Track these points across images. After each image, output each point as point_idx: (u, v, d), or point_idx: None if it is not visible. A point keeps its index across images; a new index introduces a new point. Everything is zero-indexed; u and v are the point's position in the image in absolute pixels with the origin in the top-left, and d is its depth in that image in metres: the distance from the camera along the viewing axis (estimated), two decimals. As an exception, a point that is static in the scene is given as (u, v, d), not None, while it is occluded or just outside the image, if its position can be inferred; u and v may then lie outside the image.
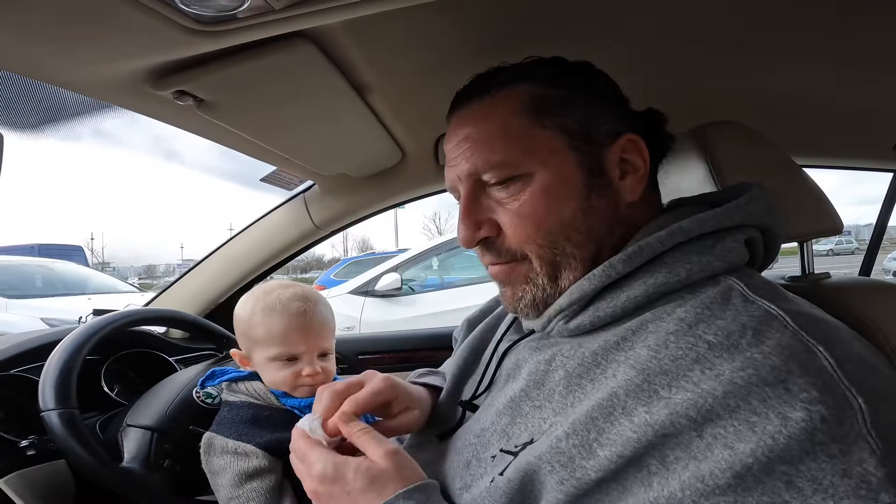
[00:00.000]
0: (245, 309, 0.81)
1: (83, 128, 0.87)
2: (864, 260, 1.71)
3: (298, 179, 1.24)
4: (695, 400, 0.39)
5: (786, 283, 0.69)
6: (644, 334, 0.46)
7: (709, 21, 0.69)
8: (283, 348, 0.77)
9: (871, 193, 6.97)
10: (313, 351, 0.79)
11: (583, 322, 0.52)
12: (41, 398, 0.79)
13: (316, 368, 0.78)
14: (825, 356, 0.40)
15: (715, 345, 0.41)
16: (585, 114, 0.54)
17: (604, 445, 0.42)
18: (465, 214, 0.56)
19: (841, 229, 0.69)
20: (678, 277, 0.48)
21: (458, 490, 0.54)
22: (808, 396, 0.37)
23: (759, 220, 0.53)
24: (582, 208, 0.53)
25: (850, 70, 0.85)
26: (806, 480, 0.35)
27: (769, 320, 0.42)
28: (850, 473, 0.35)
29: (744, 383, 0.38)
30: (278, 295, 0.79)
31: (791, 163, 0.68)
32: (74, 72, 0.60)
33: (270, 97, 0.73)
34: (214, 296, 1.38)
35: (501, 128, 0.53)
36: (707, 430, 0.38)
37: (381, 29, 0.64)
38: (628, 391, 0.42)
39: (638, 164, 0.55)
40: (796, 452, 0.36)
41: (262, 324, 0.78)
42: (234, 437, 0.73)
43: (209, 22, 0.51)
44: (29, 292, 4.89)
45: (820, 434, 0.36)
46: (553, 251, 0.53)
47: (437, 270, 4.41)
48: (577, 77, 0.56)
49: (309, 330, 0.78)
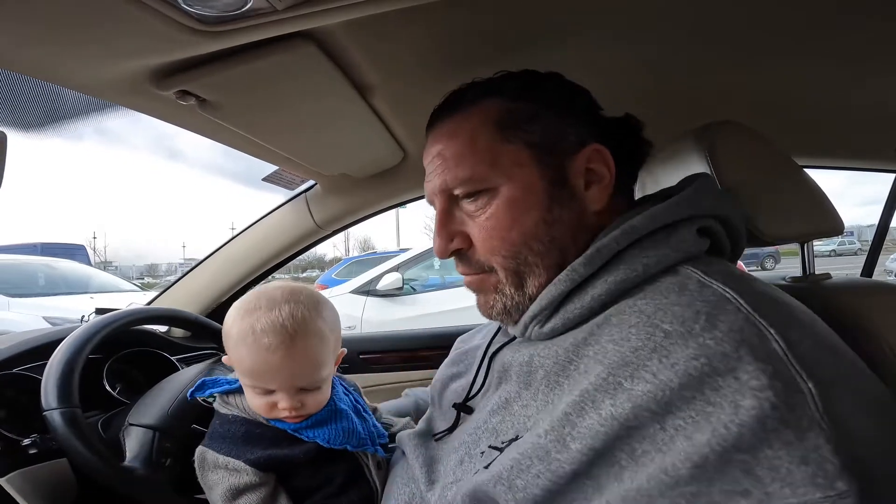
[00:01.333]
0: (227, 322, 0.71)
1: (86, 127, 0.88)
2: (865, 261, 1.71)
3: (300, 179, 1.24)
4: (654, 392, 0.40)
5: (786, 284, 0.69)
6: (608, 328, 0.48)
7: (710, 21, 0.69)
8: (254, 381, 0.69)
9: (876, 194, 7.08)
10: (288, 389, 0.69)
11: (555, 325, 0.54)
12: (43, 397, 0.79)
13: (293, 403, 0.69)
14: (776, 339, 0.40)
15: (671, 332, 0.43)
16: (551, 126, 0.56)
17: (576, 439, 0.43)
18: (439, 228, 0.59)
19: (842, 230, 0.69)
20: (636, 272, 0.50)
21: (449, 484, 0.55)
22: (757, 384, 0.38)
23: (710, 209, 0.54)
24: (545, 219, 0.55)
25: (852, 71, 0.85)
26: (764, 468, 0.36)
27: (723, 304, 0.43)
28: (807, 460, 0.35)
29: (698, 374, 0.39)
30: (255, 320, 0.67)
31: (792, 163, 0.68)
32: (78, 72, 0.60)
33: (272, 97, 0.73)
34: (216, 295, 1.38)
35: (469, 144, 0.56)
36: (668, 421, 0.39)
37: (383, 29, 0.64)
38: (596, 386, 0.44)
39: (603, 173, 0.56)
40: (750, 440, 0.36)
41: (234, 350, 0.69)
42: (225, 452, 0.70)
43: (212, 22, 0.51)
44: (31, 291, 4.89)
45: (770, 421, 0.36)
46: (516, 261, 0.56)
47: (439, 270, 4.41)
48: (545, 90, 0.58)
49: (280, 370, 0.67)
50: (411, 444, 0.69)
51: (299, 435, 0.70)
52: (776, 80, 0.88)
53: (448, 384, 0.75)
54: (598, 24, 0.69)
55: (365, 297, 3.97)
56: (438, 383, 0.78)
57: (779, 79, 0.87)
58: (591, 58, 0.58)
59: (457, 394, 0.70)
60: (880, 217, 1.63)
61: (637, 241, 0.52)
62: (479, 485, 0.49)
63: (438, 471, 0.61)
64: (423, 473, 0.62)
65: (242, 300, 0.72)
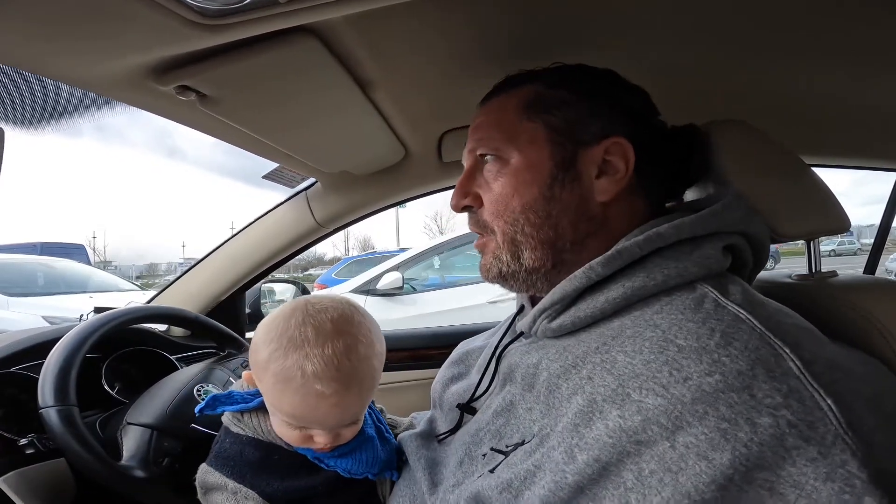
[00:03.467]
0: (263, 349, 0.60)
1: (85, 123, 0.87)
2: (868, 260, 1.71)
3: (300, 177, 1.24)
4: (665, 406, 0.40)
5: (793, 282, 0.69)
6: (622, 339, 0.47)
7: (715, 22, 0.69)
8: (294, 421, 0.61)
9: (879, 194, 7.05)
10: (331, 428, 0.62)
11: (564, 322, 0.54)
12: (40, 395, 0.78)
13: (331, 438, 0.62)
14: (792, 358, 0.40)
15: (684, 348, 0.42)
16: (575, 114, 0.58)
17: (583, 450, 0.42)
18: (460, 184, 0.63)
19: (848, 228, 0.68)
20: (655, 282, 0.50)
21: (451, 487, 0.55)
22: (772, 402, 0.37)
23: (737, 226, 0.55)
24: (544, 195, 0.57)
25: (857, 69, 0.85)
26: (788, 486, 0.35)
27: (737, 323, 0.43)
28: (833, 477, 0.35)
29: (711, 389, 0.39)
30: (304, 359, 0.57)
31: (798, 161, 0.67)
32: (77, 67, 0.59)
33: (273, 93, 0.72)
34: (216, 293, 1.38)
35: (499, 117, 0.61)
36: (679, 438, 0.38)
37: (386, 24, 0.63)
38: (605, 396, 0.44)
39: (618, 167, 0.57)
40: (772, 459, 0.36)
41: (273, 389, 0.59)
42: (237, 479, 0.63)
43: (213, 15, 0.51)
44: (31, 290, 4.89)
45: (791, 438, 0.36)
46: (514, 229, 0.58)
47: (439, 270, 4.41)
48: (581, 82, 0.60)
49: (329, 416, 0.59)
50: (413, 445, 0.68)
51: (319, 463, 0.65)
52: (781, 79, 0.87)
53: (449, 385, 0.75)
54: (603, 25, 0.68)
55: (365, 297, 3.97)
56: (439, 384, 0.78)
57: (784, 78, 0.87)
58: (595, 57, 0.58)
59: (458, 394, 0.70)
60: (882, 216, 1.63)
61: (659, 249, 0.52)
62: (484, 489, 0.48)
63: (441, 473, 0.60)
64: (425, 476, 0.61)
65: (280, 321, 0.60)
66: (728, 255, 0.54)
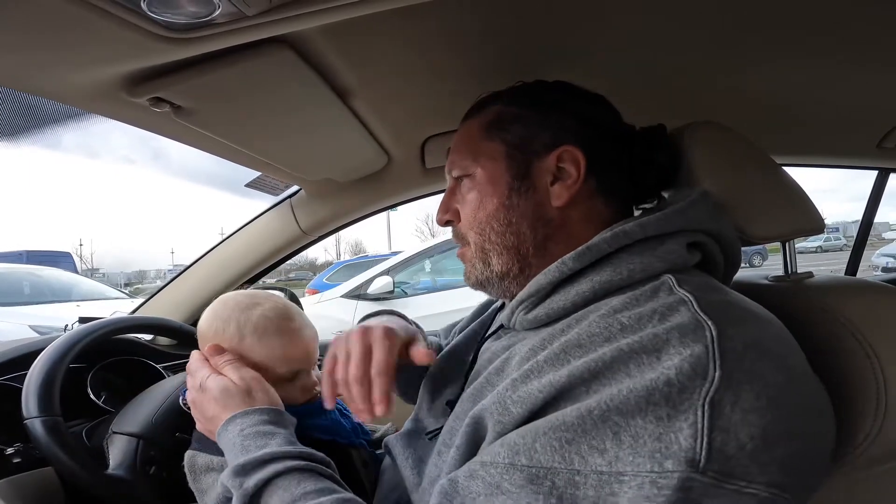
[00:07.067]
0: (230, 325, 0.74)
1: (67, 134, 0.86)
2: (850, 258, 1.73)
3: (284, 184, 1.23)
4: (588, 364, 0.44)
5: (768, 284, 0.69)
6: (583, 322, 0.50)
7: (689, 21, 0.69)
8: (288, 366, 0.75)
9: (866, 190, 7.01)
10: (312, 364, 0.78)
11: (539, 314, 0.57)
12: (24, 406, 0.79)
13: (315, 380, 0.78)
14: (711, 329, 0.42)
15: (626, 326, 0.46)
16: (527, 127, 0.63)
17: (515, 402, 0.47)
18: (442, 202, 0.69)
19: (822, 229, 0.69)
20: (621, 276, 0.53)
21: (434, 479, 0.56)
22: (669, 363, 0.40)
23: (702, 224, 0.57)
24: (504, 205, 0.62)
25: (832, 67, 0.86)
26: (628, 435, 0.39)
27: (679, 305, 0.46)
28: (661, 437, 0.38)
29: (629, 349, 0.43)
30: (262, 310, 0.75)
31: (770, 162, 0.68)
32: (47, 80, 0.59)
33: (249, 103, 0.72)
34: (201, 302, 1.36)
35: (467, 139, 0.66)
36: (593, 386, 0.43)
37: (361, 34, 0.63)
38: (547, 359, 0.48)
39: (571, 173, 0.61)
40: (632, 408, 0.39)
41: (260, 343, 0.74)
42: (219, 453, 0.69)
43: (181, 29, 0.50)
44: (17, 300, 4.83)
45: (657, 395, 0.39)
46: (482, 237, 0.63)
47: (430, 273, 4.41)
48: (533, 97, 0.65)
49: (309, 347, 0.78)
50: (399, 445, 0.69)
51: None
52: (757, 78, 0.88)
53: (433, 381, 0.75)
54: (579, 23, 0.69)
55: (356, 302, 3.96)
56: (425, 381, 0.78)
57: (758, 77, 0.88)
58: (568, 61, 0.58)
59: (440, 392, 0.71)
60: (864, 213, 1.65)
61: (627, 246, 0.55)
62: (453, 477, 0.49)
63: (425, 468, 0.61)
64: (412, 475, 0.63)
65: (222, 307, 0.77)
66: (696, 252, 0.57)
